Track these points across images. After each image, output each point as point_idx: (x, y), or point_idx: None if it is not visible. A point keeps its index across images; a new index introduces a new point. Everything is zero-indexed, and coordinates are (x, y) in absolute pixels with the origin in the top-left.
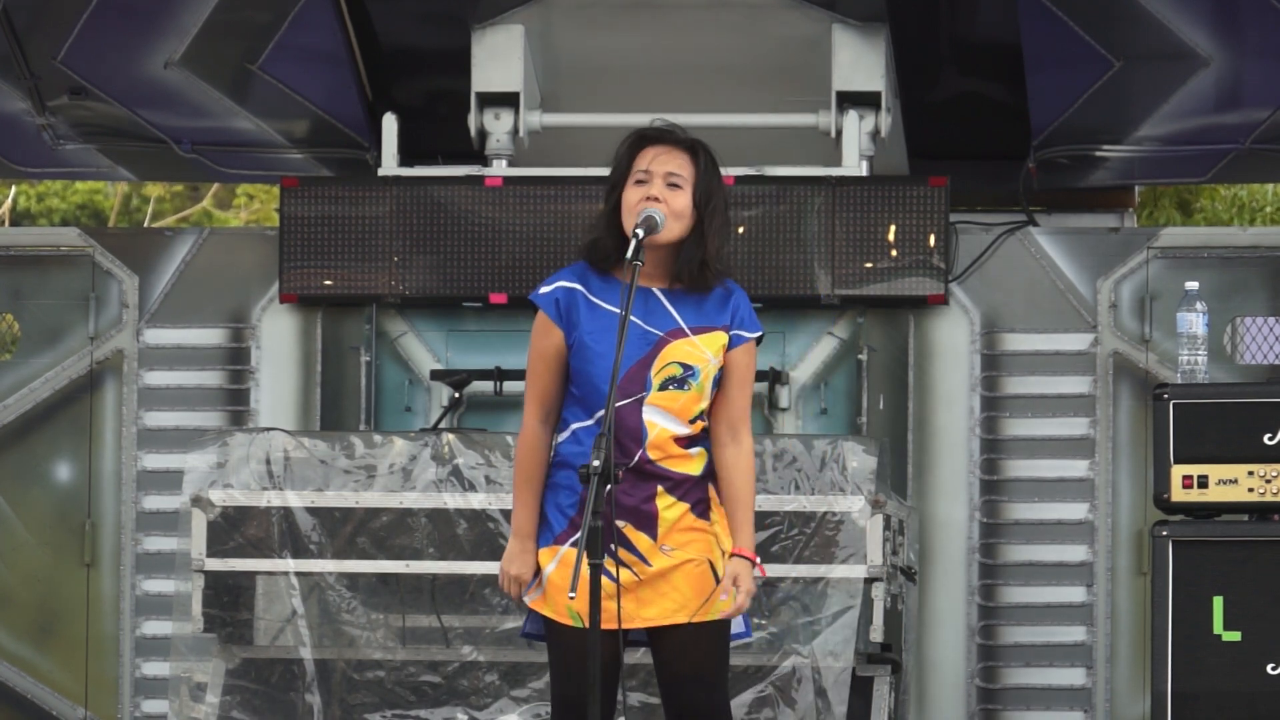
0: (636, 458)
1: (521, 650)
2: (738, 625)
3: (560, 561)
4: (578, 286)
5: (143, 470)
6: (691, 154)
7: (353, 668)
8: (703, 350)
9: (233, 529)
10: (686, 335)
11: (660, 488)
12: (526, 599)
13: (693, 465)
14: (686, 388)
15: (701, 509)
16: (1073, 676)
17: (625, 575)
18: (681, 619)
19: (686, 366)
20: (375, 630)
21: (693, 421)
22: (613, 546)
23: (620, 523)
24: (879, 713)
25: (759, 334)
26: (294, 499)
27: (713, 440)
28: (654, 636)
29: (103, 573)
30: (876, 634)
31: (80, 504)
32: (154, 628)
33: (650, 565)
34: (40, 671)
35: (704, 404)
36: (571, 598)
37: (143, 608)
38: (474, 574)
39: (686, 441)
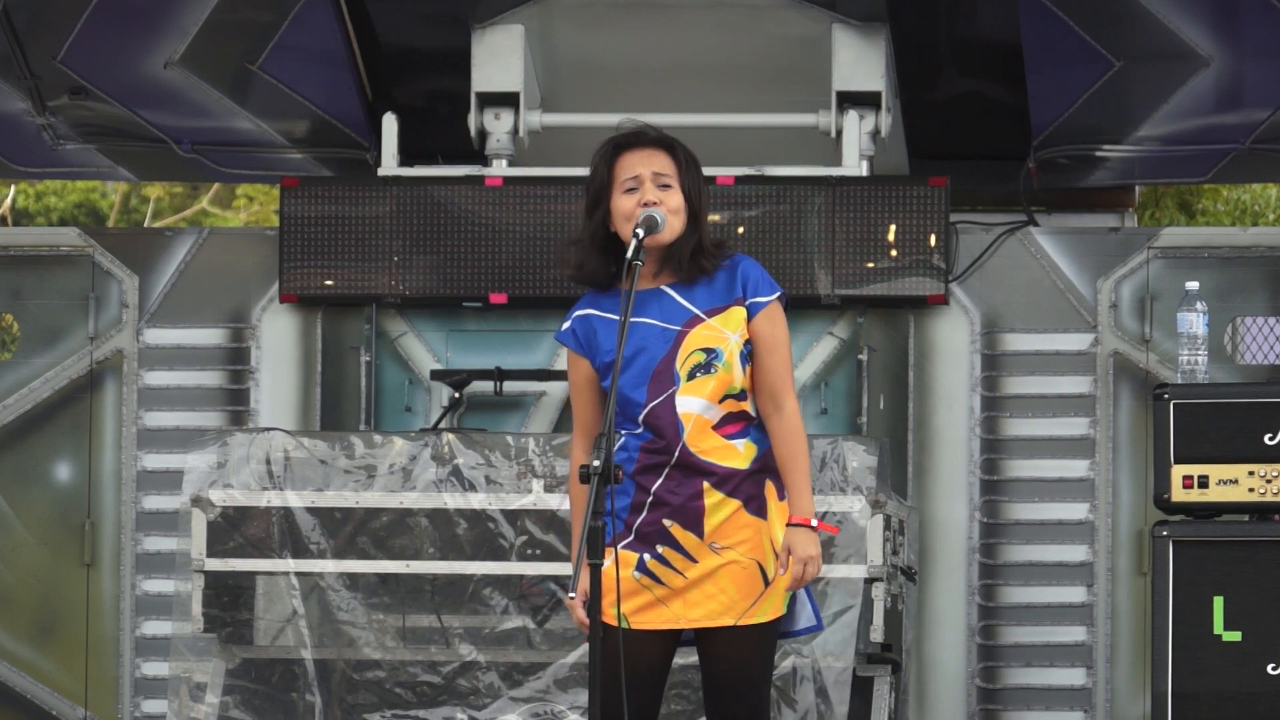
0: (678, 451)
1: (521, 650)
2: (808, 618)
3: (611, 563)
4: (591, 311)
5: (143, 470)
6: (670, 151)
7: (353, 668)
8: (721, 330)
9: (233, 529)
10: (704, 320)
11: (706, 484)
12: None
13: (738, 458)
14: (713, 370)
15: (756, 506)
16: (1073, 676)
17: (673, 577)
18: (728, 621)
19: (709, 350)
20: (375, 630)
21: (724, 399)
22: (658, 548)
23: (667, 521)
24: (879, 713)
25: (777, 294)
26: (294, 499)
27: (760, 415)
28: (700, 637)
29: (103, 573)
30: (876, 634)
31: (80, 504)
32: (154, 628)
33: (696, 562)
34: (40, 671)
35: (736, 383)
36: (571, 597)
37: (143, 608)
38: (474, 574)
39: (728, 430)
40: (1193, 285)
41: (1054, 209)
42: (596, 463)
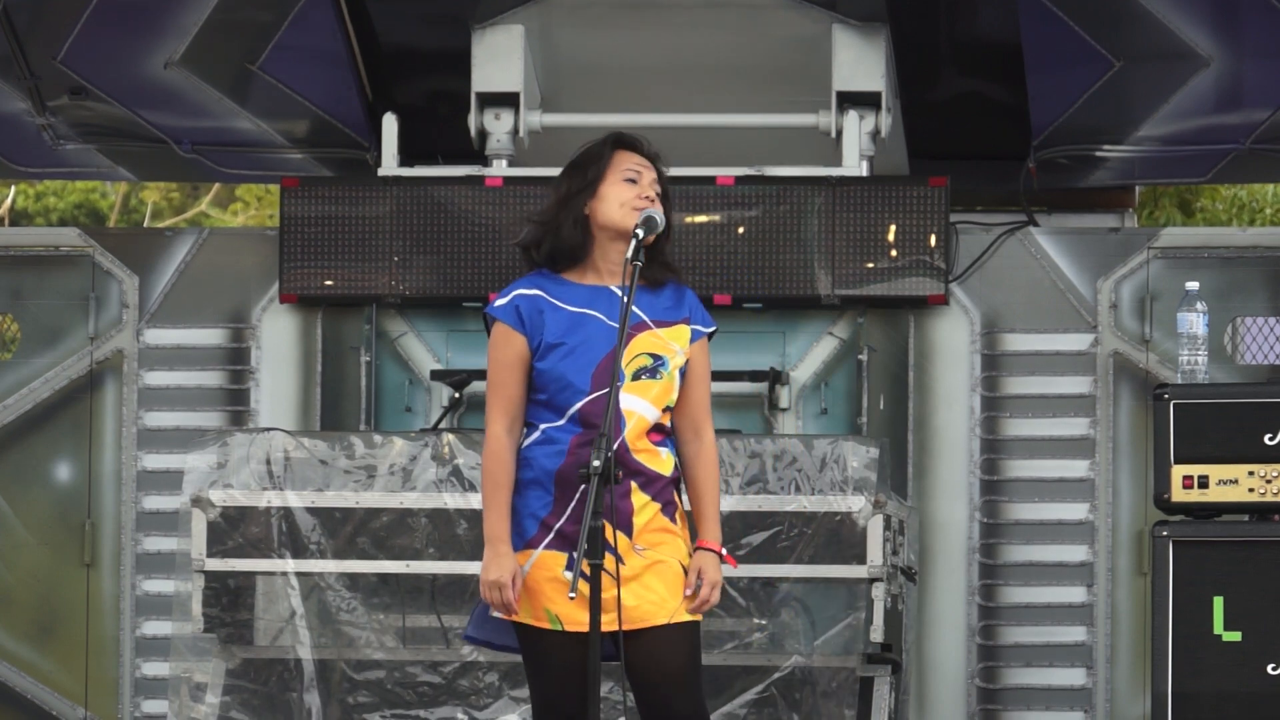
0: (616, 446)
1: None
2: None
3: (535, 565)
4: (539, 293)
5: (143, 470)
6: (656, 165)
7: (353, 668)
8: (668, 342)
9: (233, 529)
10: (650, 328)
11: (634, 484)
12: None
13: (663, 465)
14: (658, 376)
15: (670, 511)
16: (1073, 676)
17: (604, 578)
18: (661, 620)
19: (656, 357)
20: (375, 630)
21: (664, 410)
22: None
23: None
24: (879, 713)
25: (714, 329)
26: (294, 499)
27: (676, 438)
28: (629, 640)
29: (103, 573)
30: (876, 634)
31: (80, 504)
32: (154, 628)
33: (624, 565)
34: (40, 671)
35: (673, 395)
36: (571, 598)
37: (143, 608)
38: (474, 574)
39: (658, 436)
40: (1193, 285)
41: (1054, 209)
42: (596, 463)
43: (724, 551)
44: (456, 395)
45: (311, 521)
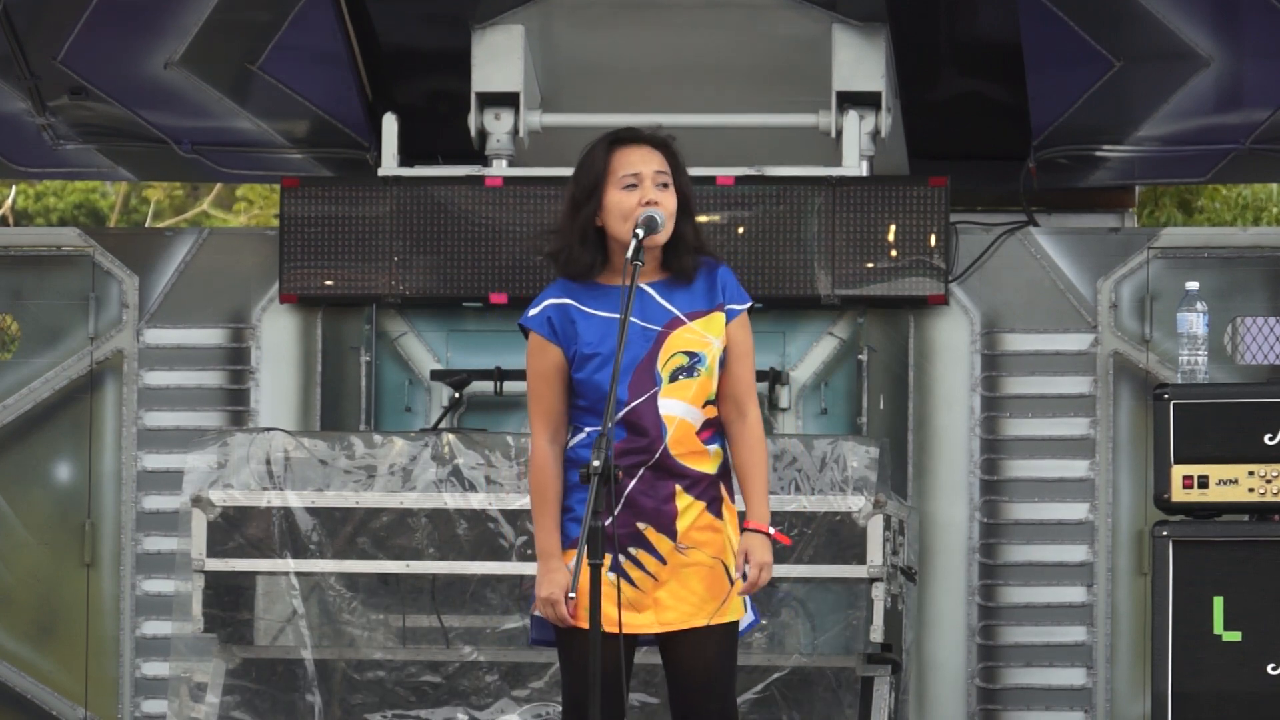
0: (659, 453)
1: (522, 650)
2: (749, 618)
3: (580, 566)
4: (568, 301)
5: (143, 470)
6: (665, 151)
7: (353, 668)
8: (703, 335)
9: (233, 529)
10: (685, 323)
11: (679, 487)
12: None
13: (709, 464)
14: (696, 374)
15: (716, 508)
16: (1073, 676)
17: (645, 580)
18: (700, 621)
19: (691, 354)
20: (375, 630)
21: (705, 405)
22: (630, 550)
23: (641, 525)
24: (879, 713)
25: (750, 304)
26: (294, 499)
27: (721, 419)
28: (668, 639)
29: (103, 573)
30: (876, 634)
31: (80, 504)
32: (154, 628)
33: (666, 565)
34: (40, 671)
35: (714, 388)
36: (571, 597)
37: (143, 608)
38: (474, 574)
39: (705, 435)
40: (1193, 285)
41: (1054, 209)
42: (596, 463)
43: (773, 530)
44: (456, 395)
45: (311, 521)
